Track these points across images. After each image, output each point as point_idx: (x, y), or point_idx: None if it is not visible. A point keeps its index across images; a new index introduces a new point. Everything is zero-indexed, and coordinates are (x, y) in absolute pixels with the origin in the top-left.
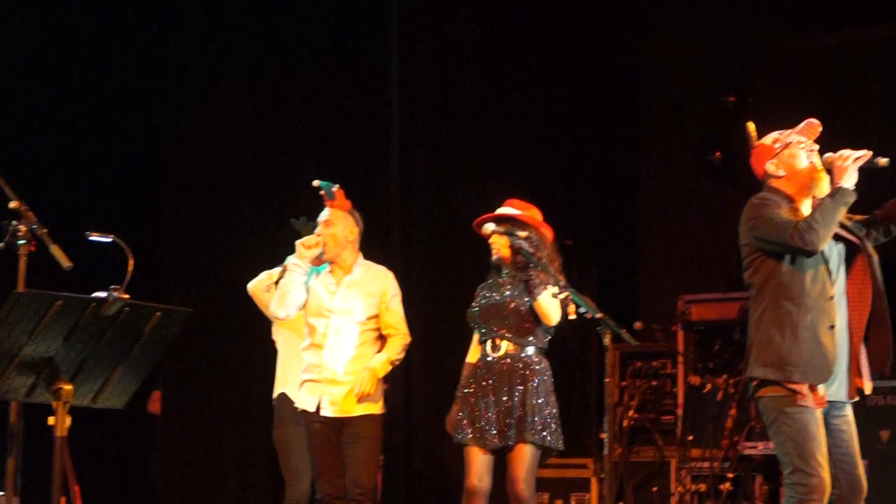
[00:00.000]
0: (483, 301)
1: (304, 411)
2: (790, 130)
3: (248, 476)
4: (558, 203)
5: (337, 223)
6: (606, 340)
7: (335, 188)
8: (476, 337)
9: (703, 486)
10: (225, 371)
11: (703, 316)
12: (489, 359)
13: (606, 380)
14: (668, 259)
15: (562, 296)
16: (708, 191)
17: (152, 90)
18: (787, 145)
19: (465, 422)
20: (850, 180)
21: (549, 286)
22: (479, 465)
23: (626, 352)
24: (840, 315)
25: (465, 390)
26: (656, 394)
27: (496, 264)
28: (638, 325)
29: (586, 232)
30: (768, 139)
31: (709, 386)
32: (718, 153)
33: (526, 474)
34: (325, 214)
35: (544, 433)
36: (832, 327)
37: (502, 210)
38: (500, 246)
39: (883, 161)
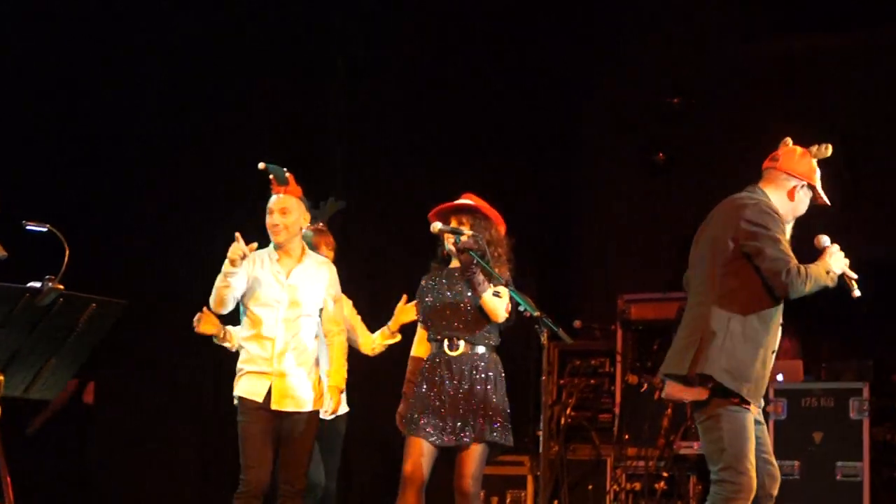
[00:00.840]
0: (437, 298)
1: (248, 400)
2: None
3: (178, 464)
4: (499, 202)
5: (293, 210)
6: (544, 339)
7: (287, 172)
8: (423, 332)
9: (638, 485)
10: (158, 362)
11: (642, 315)
12: (446, 357)
13: (543, 378)
14: (609, 259)
15: (504, 293)
16: (650, 191)
17: (89, 81)
18: (810, 185)
19: (420, 419)
20: (839, 267)
21: (491, 284)
22: (418, 454)
23: (565, 350)
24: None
25: (423, 388)
26: (594, 392)
27: (446, 256)
28: (577, 323)
29: (527, 231)
30: (809, 154)
31: (646, 385)
32: (661, 154)
33: (475, 471)
34: (279, 201)
35: (498, 432)
36: (774, 352)
37: (461, 201)
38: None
39: (856, 294)
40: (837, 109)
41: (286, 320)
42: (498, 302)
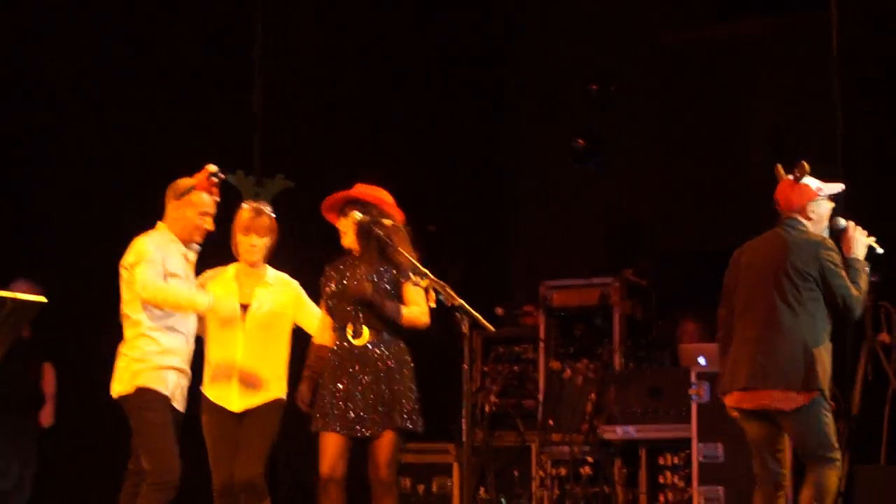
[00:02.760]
0: (339, 285)
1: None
2: (826, 185)
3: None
4: (424, 189)
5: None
6: (464, 327)
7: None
8: (327, 320)
9: (563, 471)
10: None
11: (564, 302)
12: (350, 345)
13: (464, 366)
14: (534, 245)
15: (423, 283)
16: (573, 177)
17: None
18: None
19: (328, 409)
20: (861, 252)
21: (412, 275)
22: (333, 451)
23: (488, 337)
24: None
25: (329, 379)
26: (518, 379)
27: (348, 247)
28: (499, 310)
29: (453, 218)
30: (812, 184)
31: (569, 371)
32: (581, 140)
33: (391, 459)
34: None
35: (410, 418)
36: None
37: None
38: (350, 231)
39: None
40: (763, 96)
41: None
42: (418, 312)
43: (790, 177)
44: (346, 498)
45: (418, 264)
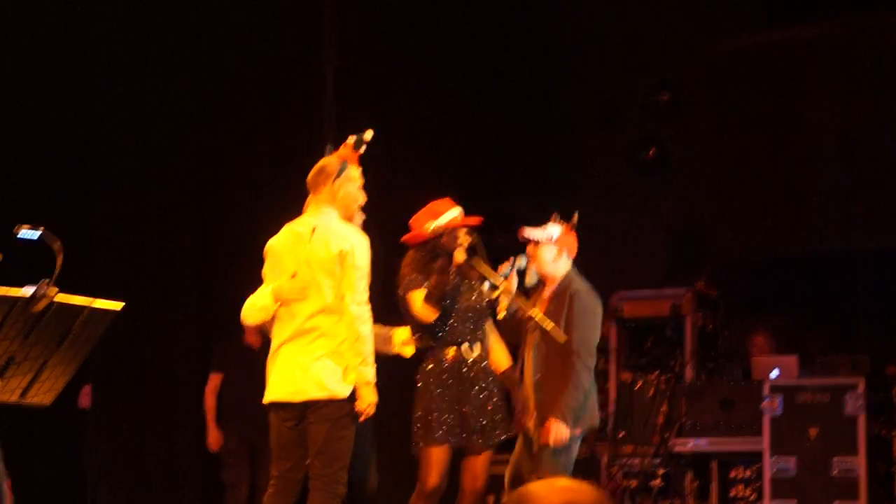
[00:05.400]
0: (454, 300)
1: None
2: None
3: (176, 471)
4: (491, 201)
5: None
6: (537, 337)
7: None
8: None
9: (634, 483)
10: (154, 366)
11: (635, 312)
12: (463, 360)
13: (538, 377)
14: (601, 255)
15: (496, 293)
16: (640, 188)
17: (79, 79)
18: None
19: (441, 426)
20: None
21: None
22: (443, 464)
23: None
24: None
25: (441, 394)
26: None
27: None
28: None
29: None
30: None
31: (640, 382)
32: (652, 150)
33: (486, 472)
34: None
35: (497, 433)
36: None
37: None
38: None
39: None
40: (828, 100)
41: None
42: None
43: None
44: None
45: (494, 275)
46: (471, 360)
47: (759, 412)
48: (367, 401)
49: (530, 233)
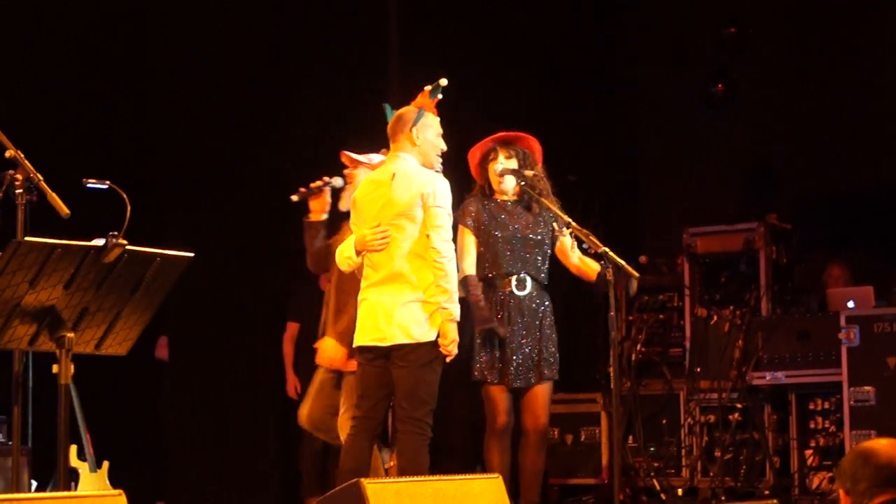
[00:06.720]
0: (507, 234)
1: None
2: None
3: (256, 420)
4: (560, 140)
5: None
6: (609, 274)
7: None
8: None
9: (712, 417)
10: (232, 315)
11: (708, 248)
12: (514, 296)
13: (611, 314)
14: (671, 192)
15: (567, 232)
16: (710, 123)
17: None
18: None
19: (497, 364)
20: None
21: (556, 224)
22: (506, 404)
23: None
24: None
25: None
26: (663, 327)
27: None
28: (642, 258)
29: (588, 167)
30: None
31: (715, 318)
32: (721, 85)
33: (547, 409)
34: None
35: (554, 368)
36: None
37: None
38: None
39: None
40: None
41: None
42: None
43: None
44: None
45: (563, 213)
46: (523, 294)
47: (837, 343)
48: (450, 338)
49: (352, 156)
